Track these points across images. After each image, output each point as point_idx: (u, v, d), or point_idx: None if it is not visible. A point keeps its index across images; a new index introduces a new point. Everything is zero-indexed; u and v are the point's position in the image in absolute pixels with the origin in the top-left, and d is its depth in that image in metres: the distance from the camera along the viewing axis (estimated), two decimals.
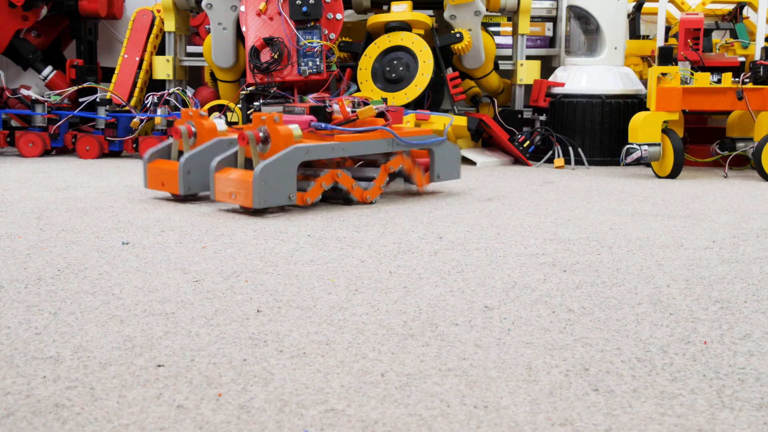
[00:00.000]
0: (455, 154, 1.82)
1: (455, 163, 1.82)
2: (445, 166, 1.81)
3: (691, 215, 1.53)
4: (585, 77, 2.64)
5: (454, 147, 1.81)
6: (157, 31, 2.85)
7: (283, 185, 1.46)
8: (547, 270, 1.07)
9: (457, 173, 1.83)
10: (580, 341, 0.78)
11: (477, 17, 2.60)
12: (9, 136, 2.67)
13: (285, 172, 1.46)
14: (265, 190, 1.44)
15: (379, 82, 2.56)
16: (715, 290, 0.97)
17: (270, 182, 1.45)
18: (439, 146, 1.78)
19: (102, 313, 0.86)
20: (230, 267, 1.07)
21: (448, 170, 1.81)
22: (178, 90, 2.58)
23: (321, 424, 0.59)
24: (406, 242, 1.25)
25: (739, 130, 2.35)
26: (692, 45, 2.44)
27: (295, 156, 1.48)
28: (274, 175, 1.45)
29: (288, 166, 1.47)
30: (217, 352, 0.74)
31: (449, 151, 1.80)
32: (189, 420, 0.59)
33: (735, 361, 0.73)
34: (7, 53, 2.92)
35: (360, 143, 1.60)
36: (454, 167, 1.82)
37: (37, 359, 0.72)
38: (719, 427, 0.59)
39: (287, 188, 1.47)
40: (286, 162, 1.46)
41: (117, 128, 2.60)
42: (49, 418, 0.59)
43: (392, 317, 0.85)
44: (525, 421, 0.59)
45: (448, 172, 1.81)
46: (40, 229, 1.33)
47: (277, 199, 1.46)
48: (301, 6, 2.37)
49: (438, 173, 1.78)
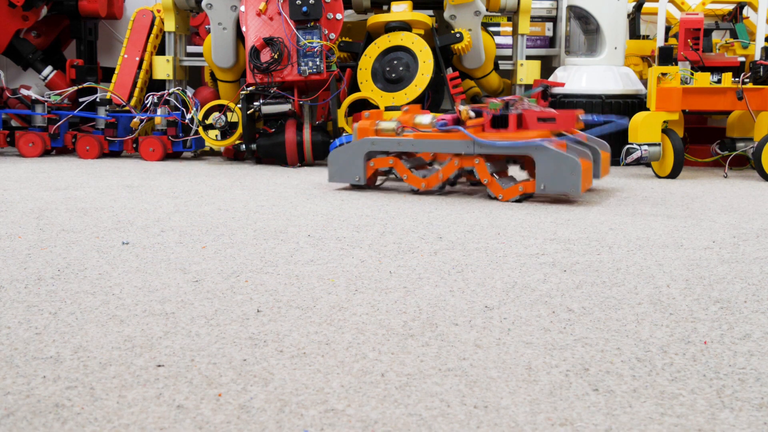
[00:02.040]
0: (571, 164, 1.57)
1: (570, 174, 1.57)
2: (553, 177, 1.58)
3: (691, 215, 1.53)
4: (585, 77, 2.64)
5: (569, 157, 1.58)
6: (157, 31, 2.85)
7: (351, 168, 1.81)
8: (547, 270, 1.07)
9: (574, 186, 1.57)
10: (580, 341, 0.78)
11: (477, 17, 2.60)
12: (9, 136, 2.67)
13: (352, 159, 1.80)
14: (336, 170, 1.84)
15: (379, 82, 2.56)
16: (715, 290, 0.97)
17: (339, 166, 1.83)
18: (541, 152, 1.59)
19: (102, 313, 0.86)
20: (230, 267, 1.07)
21: (559, 182, 1.58)
22: (178, 90, 2.58)
23: (321, 424, 0.59)
24: (406, 242, 1.25)
25: (739, 130, 2.35)
26: (692, 45, 2.44)
27: (363, 146, 1.80)
28: (344, 160, 1.82)
29: (355, 155, 1.80)
30: (217, 352, 0.74)
31: (561, 160, 1.57)
32: (189, 420, 0.59)
33: (735, 361, 0.73)
34: (7, 53, 2.92)
35: (429, 141, 1.72)
36: (567, 179, 1.57)
37: (37, 359, 0.72)
38: (719, 427, 0.59)
39: (356, 171, 1.81)
40: (354, 149, 1.81)
41: (117, 128, 2.61)
42: (49, 418, 0.59)
43: (392, 317, 0.85)
44: (525, 421, 0.59)
45: (558, 183, 1.58)
46: (40, 229, 1.33)
47: (346, 178, 1.83)
48: (301, 6, 2.37)
49: (543, 184, 1.60)
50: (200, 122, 2.46)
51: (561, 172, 1.59)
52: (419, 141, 1.74)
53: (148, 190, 1.82)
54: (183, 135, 2.58)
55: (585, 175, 1.62)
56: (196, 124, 2.52)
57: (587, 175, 1.65)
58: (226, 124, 2.44)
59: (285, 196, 1.74)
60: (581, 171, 1.57)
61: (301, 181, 2.02)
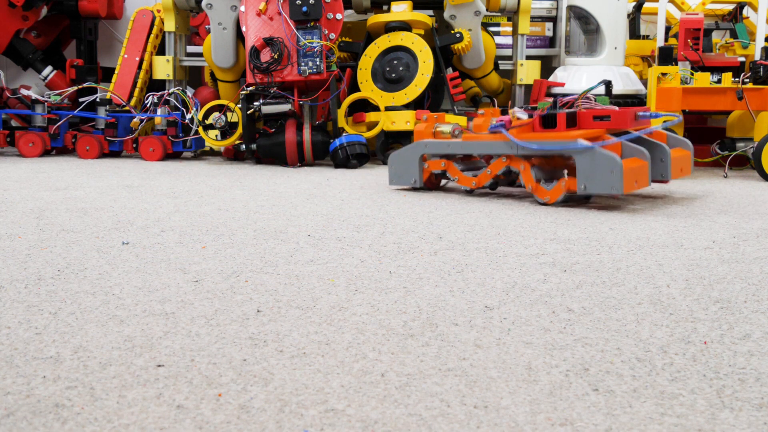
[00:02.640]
0: (610, 163, 1.52)
1: (610, 174, 1.52)
2: (594, 176, 1.55)
3: (691, 215, 1.53)
4: (585, 77, 2.64)
5: (608, 155, 1.53)
6: (157, 31, 2.85)
7: (409, 171, 1.83)
8: (547, 270, 1.07)
9: (616, 186, 1.52)
10: (580, 341, 0.78)
11: (477, 17, 2.60)
12: (9, 136, 2.67)
13: (409, 161, 1.83)
14: (395, 173, 1.86)
15: (379, 82, 2.56)
16: (715, 290, 0.97)
17: (397, 168, 1.85)
18: (583, 154, 1.56)
19: (102, 313, 0.86)
20: (230, 267, 1.07)
21: (599, 181, 1.54)
22: (178, 90, 2.58)
23: (321, 424, 0.59)
24: (406, 242, 1.25)
25: (739, 130, 2.35)
26: (692, 45, 2.44)
27: (418, 149, 1.82)
28: (401, 162, 1.84)
29: (412, 158, 1.82)
30: (217, 352, 0.74)
31: (600, 159, 1.54)
32: (189, 420, 0.59)
33: (735, 361, 0.73)
34: (7, 53, 2.92)
35: (477, 143, 1.72)
36: (608, 179, 1.53)
37: (37, 359, 0.72)
38: (719, 427, 0.59)
39: (412, 174, 1.83)
40: (409, 154, 1.83)
41: (117, 128, 2.61)
42: (49, 418, 0.59)
43: (392, 317, 0.85)
44: (525, 421, 0.59)
45: (598, 183, 1.54)
46: (40, 229, 1.33)
47: (404, 181, 1.85)
48: (301, 6, 2.37)
49: (584, 184, 1.56)
50: (200, 122, 2.47)
51: (601, 171, 1.54)
52: (469, 143, 1.73)
53: (148, 190, 1.82)
54: (183, 135, 2.58)
55: (630, 174, 1.54)
56: (196, 124, 2.52)
57: (636, 175, 1.57)
58: (226, 124, 2.44)
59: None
60: (622, 170, 1.52)
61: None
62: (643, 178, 1.59)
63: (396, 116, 2.45)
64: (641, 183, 1.59)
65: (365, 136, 2.39)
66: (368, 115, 2.48)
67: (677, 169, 1.72)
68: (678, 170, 1.73)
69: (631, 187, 1.55)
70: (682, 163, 1.74)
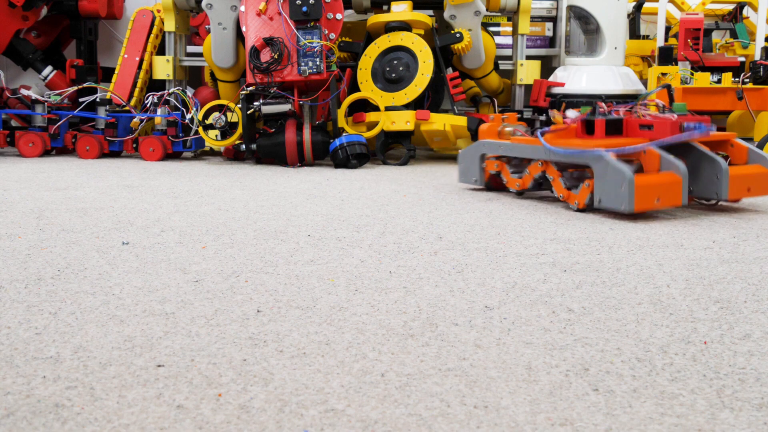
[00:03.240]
0: (620, 177, 1.42)
1: (619, 188, 1.42)
2: (606, 189, 1.45)
3: (691, 215, 1.53)
4: (585, 77, 2.64)
5: (618, 168, 1.43)
6: (157, 31, 2.85)
7: (470, 170, 1.87)
8: (547, 270, 1.07)
9: (626, 202, 1.41)
10: (580, 341, 0.78)
11: (477, 17, 2.60)
12: (9, 136, 2.67)
13: (471, 160, 1.86)
14: (462, 171, 1.91)
15: (379, 82, 2.56)
16: (715, 290, 0.97)
17: (463, 166, 1.90)
18: (597, 162, 1.47)
19: (102, 313, 0.86)
20: (230, 267, 1.07)
21: (610, 195, 1.44)
22: (178, 90, 2.58)
23: (321, 424, 0.59)
24: (406, 242, 1.25)
25: (739, 130, 2.35)
26: (692, 45, 2.44)
27: (477, 149, 1.85)
28: (466, 160, 1.88)
29: (473, 157, 1.86)
30: (217, 352, 0.74)
31: (612, 171, 1.44)
32: (189, 420, 0.59)
33: (735, 361, 0.73)
34: (7, 53, 2.92)
35: (522, 146, 1.71)
36: (618, 193, 1.42)
37: (37, 359, 0.72)
38: (719, 427, 0.59)
39: (473, 173, 1.87)
40: (471, 153, 1.87)
41: (117, 128, 2.61)
42: (49, 418, 0.59)
43: (392, 317, 0.85)
44: (525, 421, 0.59)
45: (609, 197, 1.45)
46: (40, 229, 1.33)
47: (468, 179, 1.89)
48: (301, 6, 2.37)
49: (599, 197, 1.47)
50: (200, 122, 2.47)
51: (612, 184, 1.44)
52: (515, 145, 1.72)
53: (148, 190, 1.82)
54: (183, 135, 2.58)
55: (647, 191, 1.42)
56: (196, 124, 2.52)
57: (658, 192, 1.44)
58: (226, 124, 2.44)
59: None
60: (633, 185, 1.40)
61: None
62: (671, 195, 1.46)
63: (396, 116, 2.44)
64: (668, 200, 1.46)
65: (365, 136, 2.39)
66: (368, 115, 2.48)
67: (741, 188, 1.55)
68: (742, 189, 1.55)
69: (649, 205, 1.43)
70: (751, 182, 1.56)
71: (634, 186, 1.41)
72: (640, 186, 1.42)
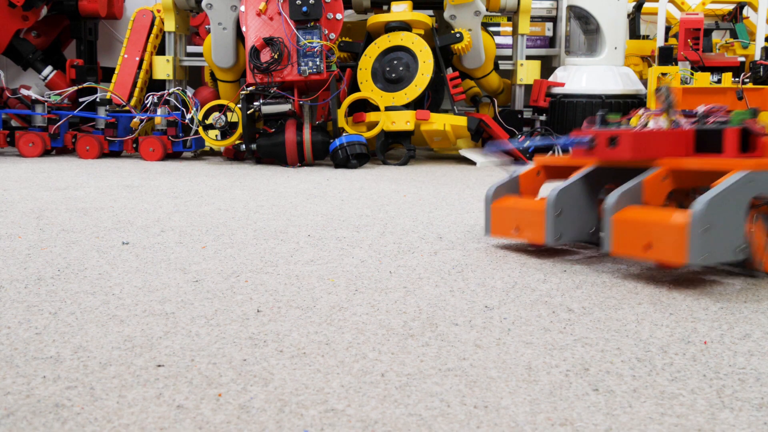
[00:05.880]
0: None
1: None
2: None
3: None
4: (585, 77, 2.64)
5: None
6: (157, 31, 2.86)
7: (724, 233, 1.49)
8: (547, 270, 1.07)
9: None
10: (580, 341, 0.78)
11: (477, 17, 2.60)
12: (9, 136, 2.67)
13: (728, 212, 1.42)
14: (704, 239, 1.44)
15: (379, 82, 2.56)
16: (715, 290, 0.97)
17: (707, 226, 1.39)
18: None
19: (102, 313, 0.86)
20: (230, 267, 1.07)
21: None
22: (178, 90, 2.58)
23: (321, 424, 0.59)
24: (406, 242, 1.25)
25: None
26: (692, 45, 2.44)
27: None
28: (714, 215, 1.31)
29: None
30: (217, 352, 0.74)
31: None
32: (189, 420, 0.59)
33: (735, 361, 0.73)
34: (7, 53, 2.92)
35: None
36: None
37: (37, 359, 0.72)
38: (719, 427, 0.59)
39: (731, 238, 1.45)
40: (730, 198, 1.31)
41: (117, 128, 2.61)
42: (49, 418, 0.59)
43: (392, 317, 0.85)
44: (525, 421, 0.59)
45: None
46: (40, 229, 1.33)
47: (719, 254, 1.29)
48: (301, 6, 2.37)
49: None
50: (200, 122, 2.47)
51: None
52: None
53: (148, 190, 1.82)
54: (183, 135, 2.58)
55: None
56: (196, 124, 2.52)
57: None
58: (226, 124, 2.44)
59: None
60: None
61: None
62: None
63: (396, 116, 2.45)
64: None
65: (365, 136, 2.39)
66: (368, 115, 2.48)
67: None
68: None
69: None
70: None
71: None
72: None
